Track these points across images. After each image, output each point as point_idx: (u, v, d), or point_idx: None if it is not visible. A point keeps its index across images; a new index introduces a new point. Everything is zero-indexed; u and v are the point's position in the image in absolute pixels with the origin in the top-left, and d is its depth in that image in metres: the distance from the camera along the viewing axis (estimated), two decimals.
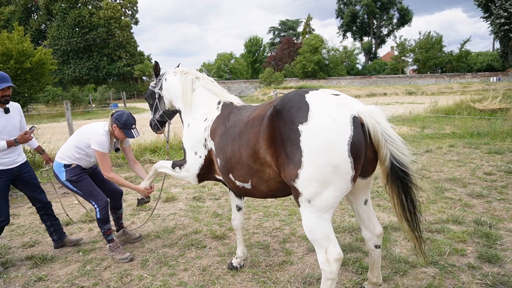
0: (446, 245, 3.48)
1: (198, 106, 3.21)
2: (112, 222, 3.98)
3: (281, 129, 2.23)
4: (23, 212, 5.25)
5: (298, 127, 2.13)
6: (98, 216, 3.58)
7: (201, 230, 4.29)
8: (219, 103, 3.12)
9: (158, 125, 3.65)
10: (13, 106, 3.59)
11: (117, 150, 3.92)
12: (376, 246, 2.63)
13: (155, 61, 3.54)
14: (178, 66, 3.58)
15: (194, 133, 3.10)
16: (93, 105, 30.41)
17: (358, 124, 2.10)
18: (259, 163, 2.46)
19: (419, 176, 6.04)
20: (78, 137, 3.62)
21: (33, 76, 24.72)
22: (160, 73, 3.57)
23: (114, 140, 3.74)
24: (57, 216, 4.02)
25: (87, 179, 3.67)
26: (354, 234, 3.93)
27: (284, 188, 2.46)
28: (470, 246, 3.52)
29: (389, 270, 3.14)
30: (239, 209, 3.36)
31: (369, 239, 2.63)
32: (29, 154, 7.56)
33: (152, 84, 3.65)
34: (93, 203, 3.58)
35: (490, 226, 3.90)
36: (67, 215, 4.54)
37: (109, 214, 3.70)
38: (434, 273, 3.08)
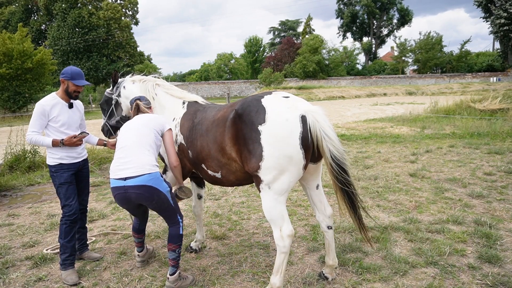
0: (446, 245, 3.49)
1: (163, 110, 3.47)
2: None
3: (243, 130, 2.61)
4: (23, 212, 5.25)
5: (258, 128, 2.54)
6: (180, 232, 3.08)
7: None
8: (183, 103, 3.43)
9: (111, 130, 3.83)
10: (76, 102, 3.59)
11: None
12: (328, 227, 2.96)
13: (114, 70, 3.75)
14: (132, 75, 3.76)
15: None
16: (93, 105, 30.37)
17: (306, 121, 2.52)
18: (226, 158, 2.82)
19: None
20: (149, 136, 3.00)
21: (33, 76, 24.72)
22: (118, 81, 3.76)
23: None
24: (87, 226, 3.81)
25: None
26: (354, 234, 3.93)
27: (249, 178, 2.81)
28: (470, 247, 3.52)
29: (389, 270, 3.14)
30: (200, 197, 3.81)
31: (322, 221, 2.97)
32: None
33: (108, 91, 3.83)
34: (179, 218, 3.09)
35: (490, 226, 3.90)
36: None
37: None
38: (434, 273, 3.08)
